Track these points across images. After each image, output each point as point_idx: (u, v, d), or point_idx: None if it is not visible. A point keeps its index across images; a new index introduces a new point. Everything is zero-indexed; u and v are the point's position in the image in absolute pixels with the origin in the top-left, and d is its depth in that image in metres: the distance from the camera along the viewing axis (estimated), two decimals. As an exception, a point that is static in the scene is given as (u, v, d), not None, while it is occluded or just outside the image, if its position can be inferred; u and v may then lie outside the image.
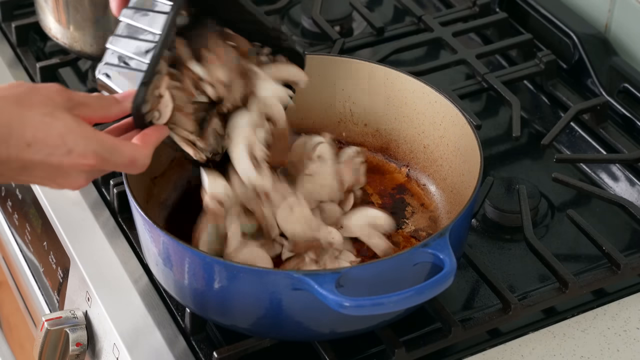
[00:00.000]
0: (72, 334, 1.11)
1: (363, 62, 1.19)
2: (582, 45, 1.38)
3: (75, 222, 1.19)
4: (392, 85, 1.18)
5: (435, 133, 1.16)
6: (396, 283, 0.93)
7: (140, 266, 1.14)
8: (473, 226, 1.20)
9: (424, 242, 0.96)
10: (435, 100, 1.15)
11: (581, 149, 1.31)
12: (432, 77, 1.34)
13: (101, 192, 1.23)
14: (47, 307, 1.23)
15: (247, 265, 0.97)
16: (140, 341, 1.06)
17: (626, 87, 1.35)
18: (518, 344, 1.07)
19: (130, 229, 1.17)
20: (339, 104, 1.22)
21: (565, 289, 1.09)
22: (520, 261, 1.16)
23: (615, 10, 1.41)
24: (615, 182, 1.27)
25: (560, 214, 1.22)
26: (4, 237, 1.35)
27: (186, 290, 1.01)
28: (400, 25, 1.48)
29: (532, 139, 1.33)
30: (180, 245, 0.97)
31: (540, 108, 1.38)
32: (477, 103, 1.39)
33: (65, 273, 1.17)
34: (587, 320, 1.09)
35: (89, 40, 1.34)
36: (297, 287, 0.93)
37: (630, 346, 1.07)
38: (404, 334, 1.06)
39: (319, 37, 1.47)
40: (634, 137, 1.30)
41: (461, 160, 1.12)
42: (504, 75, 1.36)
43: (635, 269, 1.12)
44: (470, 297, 1.12)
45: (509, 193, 1.21)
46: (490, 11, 1.49)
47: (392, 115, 1.20)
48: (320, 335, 1.03)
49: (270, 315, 0.98)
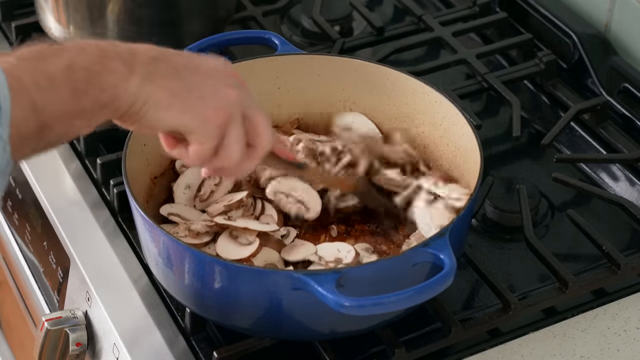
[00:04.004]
0: (72, 334, 1.11)
1: (363, 62, 1.19)
2: (582, 45, 1.38)
3: (75, 222, 1.19)
4: (392, 84, 1.18)
5: (435, 133, 1.16)
6: (396, 283, 0.93)
7: (140, 266, 1.14)
8: (473, 226, 1.20)
9: (424, 241, 0.96)
10: (435, 100, 1.15)
11: (581, 149, 1.31)
12: (432, 77, 1.34)
13: (101, 192, 1.23)
14: (47, 307, 1.23)
15: (247, 265, 0.97)
16: (140, 341, 1.06)
17: (626, 87, 1.35)
18: (518, 344, 1.07)
19: (130, 229, 1.16)
20: (339, 104, 1.22)
21: (565, 288, 1.09)
22: (520, 261, 1.16)
23: (615, 10, 1.41)
24: (615, 182, 1.26)
25: (560, 214, 1.22)
26: (4, 237, 1.35)
27: (186, 290, 1.01)
28: (400, 25, 1.48)
29: (532, 139, 1.33)
30: (180, 245, 0.97)
31: (540, 108, 1.38)
32: (477, 103, 1.39)
33: (65, 273, 1.17)
34: (587, 320, 1.09)
35: (89, 40, 1.34)
36: (297, 287, 0.93)
37: (630, 346, 1.07)
38: (404, 334, 1.06)
39: (319, 37, 1.47)
40: (634, 137, 1.30)
41: (461, 160, 1.12)
42: (504, 75, 1.36)
43: (635, 269, 1.12)
44: (470, 297, 1.12)
45: (509, 193, 1.21)
46: (490, 11, 1.49)
47: (392, 115, 1.19)
48: (320, 335, 1.03)
49: (270, 315, 0.98)
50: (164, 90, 0.87)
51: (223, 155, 0.91)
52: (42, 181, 1.24)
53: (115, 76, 0.84)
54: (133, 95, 0.85)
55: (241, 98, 0.91)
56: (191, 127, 0.89)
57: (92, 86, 0.82)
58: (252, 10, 1.48)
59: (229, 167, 0.93)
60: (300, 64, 1.20)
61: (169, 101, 0.87)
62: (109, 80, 0.83)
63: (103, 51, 0.84)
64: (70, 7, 1.33)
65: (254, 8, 1.49)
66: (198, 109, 0.88)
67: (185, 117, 0.88)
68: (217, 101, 0.90)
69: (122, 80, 0.84)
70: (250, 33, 1.27)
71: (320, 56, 1.20)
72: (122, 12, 1.32)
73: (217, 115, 0.89)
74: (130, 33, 1.33)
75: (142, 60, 0.86)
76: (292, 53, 1.20)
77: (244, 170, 0.95)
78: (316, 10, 1.47)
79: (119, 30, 1.33)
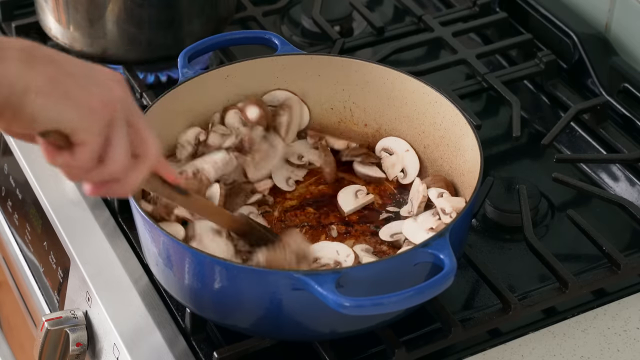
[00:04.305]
0: (72, 334, 1.11)
1: (363, 62, 1.19)
2: (582, 45, 1.38)
3: (75, 222, 1.19)
4: (392, 85, 1.18)
5: (435, 133, 1.16)
6: (396, 283, 0.93)
7: (140, 266, 1.14)
8: (473, 226, 1.20)
9: (424, 242, 0.96)
10: (435, 100, 1.15)
11: (581, 149, 1.31)
12: (432, 77, 1.34)
13: (101, 192, 1.23)
14: (47, 307, 1.23)
15: (247, 266, 0.97)
16: (140, 341, 1.06)
17: (626, 87, 1.35)
18: (518, 344, 1.07)
19: (130, 229, 1.16)
20: (339, 104, 1.22)
21: (565, 289, 1.09)
22: (520, 261, 1.16)
23: (615, 10, 1.41)
24: (615, 182, 1.26)
25: (560, 214, 1.22)
26: (4, 237, 1.35)
27: (186, 290, 1.01)
28: (400, 25, 1.48)
29: (532, 139, 1.33)
30: (180, 245, 0.97)
31: (540, 108, 1.38)
32: (477, 103, 1.39)
33: (65, 273, 1.17)
34: (587, 320, 1.09)
35: (89, 40, 1.34)
36: (297, 287, 0.93)
37: (630, 346, 1.07)
38: (404, 334, 1.06)
39: (319, 37, 1.47)
40: (634, 137, 1.30)
41: (461, 160, 1.12)
42: (504, 75, 1.36)
43: (635, 269, 1.12)
44: (470, 297, 1.12)
45: (509, 193, 1.21)
46: (490, 11, 1.49)
47: (392, 115, 1.19)
48: (320, 335, 1.03)
49: (270, 315, 0.98)
50: (43, 76, 0.80)
51: (108, 160, 0.85)
52: (42, 181, 1.24)
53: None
54: (13, 80, 0.79)
55: (126, 98, 0.86)
56: (75, 121, 0.82)
57: None
58: (252, 11, 1.48)
59: (116, 177, 0.87)
60: (300, 64, 1.20)
61: (49, 89, 0.80)
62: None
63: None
64: (70, 7, 1.33)
65: (254, 8, 1.49)
66: (81, 98, 0.82)
67: (68, 111, 0.82)
68: (101, 92, 0.83)
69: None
70: (250, 33, 1.27)
71: (320, 56, 1.20)
72: (122, 12, 1.32)
73: (102, 108, 0.83)
74: (130, 33, 1.33)
75: (15, 47, 0.81)
76: (292, 53, 1.20)
77: (130, 183, 0.88)
78: (316, 10, 1.47)
79: (119, 30, 1.33)
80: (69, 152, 0.84)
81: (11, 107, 0.80)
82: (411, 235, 1.08)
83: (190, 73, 1.16)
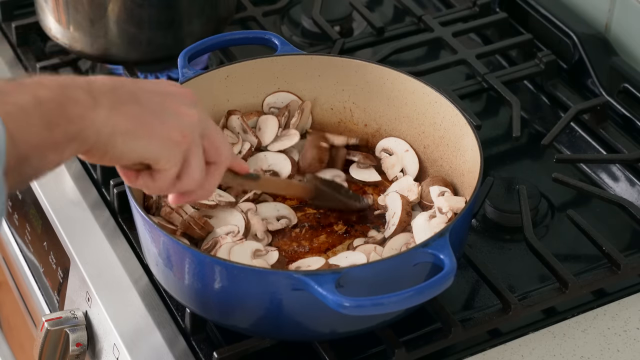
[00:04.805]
0: (72, 334, 1.11)
1: (363, 62, 1.19)
2: (582, 45, 1.38)
3: (75, 222, 1.19)
4: (392, 85, 1.18)
5: (435, 133, 1.16)
6: (396, 283, 0.93)
7: (140, 266, 1.14)
8: (473, 226, 1.20)
9: (424, 242, 0.96)
10: (435, 100, 1.15)
11: (581, 149, 1.31)
12: (432, 77, 1.35)
13: (101, 192, 1.23)
14: (47, 307, 1.23)
15: (247, 266, 0.97)
16: (140, 341, 1.06)
17: (626, 87, 1.35)
18: (518, 344, 1.07)
19: (130, 229, 1.17)
20: (338, 104, 1.22)
21: (565, 289, 1.09)
22: (520, 261, 1.16)
23: (615, 10, 1.41)
24: (615, 182, 1.26)
25: (560, 214, 1.22)
26: (4, 237, 1.35)
27: (186, 290, 1.01)
28: (400, 25, 1.48)
29: (532, 139, 1.33)
30: (180, 245, 0.97)
31: (540, 108, 1.38)
32: (477, 103, 1.39)
33: (65, 273, 1.17)
34: (587, 320, 1.09)
35: (89, 40, 1.34)
36: (297, 287, 0.93)
37: (630, 346, 1.07)
38: (404, 334, 1.06)
39: (319, 37, 1.47)
40: (634, 137, 1.30)
41: (461, 160, 1.12)
42: (504, 75, 1.37)
43: (635, 269, 1.12)
44: (470, 297, 1.12)
45: (509, 193, 1.21)
46: (490, 11, 1.49)
47: (392, 116, 1.20)
48: (320, 335, 1.03)
49: (270, 315, 0.98)
50: (127, 117, 0.86)
51: (185, 177, 0.91)
52: (42, 181, 1.24)
53: (80, 106, 0.82)
54: (101, 125, 0.84)
55: (200, 119, 0.92)
56: (158, 153, 0.88)
57: (61, 117, 0.81)
58: (252, 11, 1.48)
59: (193, 189, 0.93)
60: (300, 64, 1.20)
61: (134, 129, 0.86)
62: (75, 111, 0.82)
63: (62, 83, 0.83)
64: (70, 7, 1.33)
65: (254, 8, 1.49)
66: (163, 133, 0.88)
67: (152, 146, 0.87)
68: (179, 124, 0.89)
69: (88, 110, 0.83)
70: (250, 33, 1.27)
71: (320, 56, 1.20)
72: (122, 12, 1.32)
73: (182, 138, 0.89)
74: (130, 33, 1.33)
75: (101, 89, 0.85)
76: (292, 53, 1.20)
77: (207, 190, 0.94)
78: (316, 11, 1.47)
79: (119, 30, 1.33)
80: (149, 175, 0.91)
81: (100, 148, 0.85)
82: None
83: (190, 73, 1.16)
